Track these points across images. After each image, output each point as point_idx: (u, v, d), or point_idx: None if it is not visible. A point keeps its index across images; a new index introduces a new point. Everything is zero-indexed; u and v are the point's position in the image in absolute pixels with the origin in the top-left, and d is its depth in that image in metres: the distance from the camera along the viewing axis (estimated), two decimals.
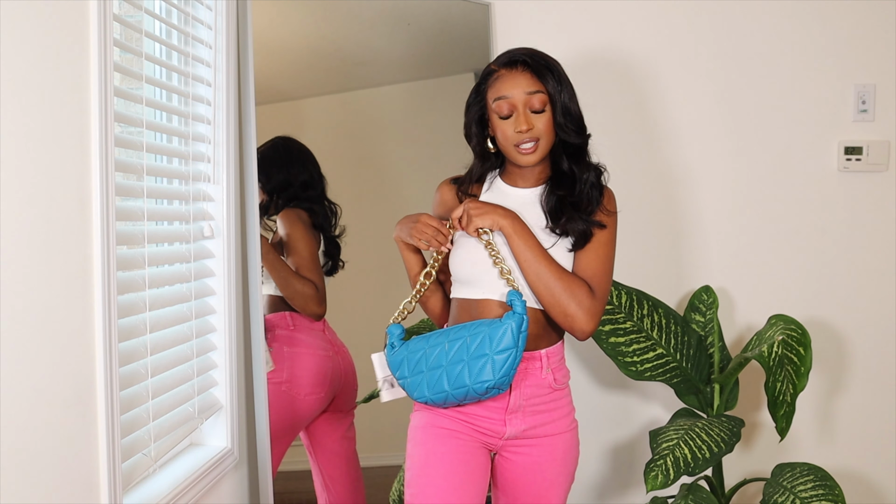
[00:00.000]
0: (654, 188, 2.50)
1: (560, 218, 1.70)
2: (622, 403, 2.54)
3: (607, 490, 2.57)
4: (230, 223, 1.91)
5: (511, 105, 1.68)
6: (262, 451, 2.02)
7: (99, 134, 1.32)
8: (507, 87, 1.69)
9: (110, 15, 1.34)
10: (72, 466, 1.28)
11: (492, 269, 1.70)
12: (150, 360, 1.59)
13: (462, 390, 1.62)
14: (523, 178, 1.78)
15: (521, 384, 1.71)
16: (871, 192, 2.48)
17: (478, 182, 1.83)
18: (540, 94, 1.67)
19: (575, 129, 1.70)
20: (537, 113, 1.68)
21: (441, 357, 1.65)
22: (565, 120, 1.69)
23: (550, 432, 1.75)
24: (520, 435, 1.73)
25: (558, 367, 1.76)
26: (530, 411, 1.72)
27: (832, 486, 2.04)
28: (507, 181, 1.80)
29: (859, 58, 2.46)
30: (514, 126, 1.68)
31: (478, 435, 1.72)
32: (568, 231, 1.70)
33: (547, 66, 1.69)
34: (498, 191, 1.80)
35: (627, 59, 2.49)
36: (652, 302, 2.28)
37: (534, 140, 1.68)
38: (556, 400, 1.76)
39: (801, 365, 2.13)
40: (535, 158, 1.70)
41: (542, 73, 1.68)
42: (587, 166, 1.74)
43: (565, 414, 1.78)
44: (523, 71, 1.69)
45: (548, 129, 1.69)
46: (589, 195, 1.72)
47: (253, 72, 2.01)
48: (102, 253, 1.33)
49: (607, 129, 2.49)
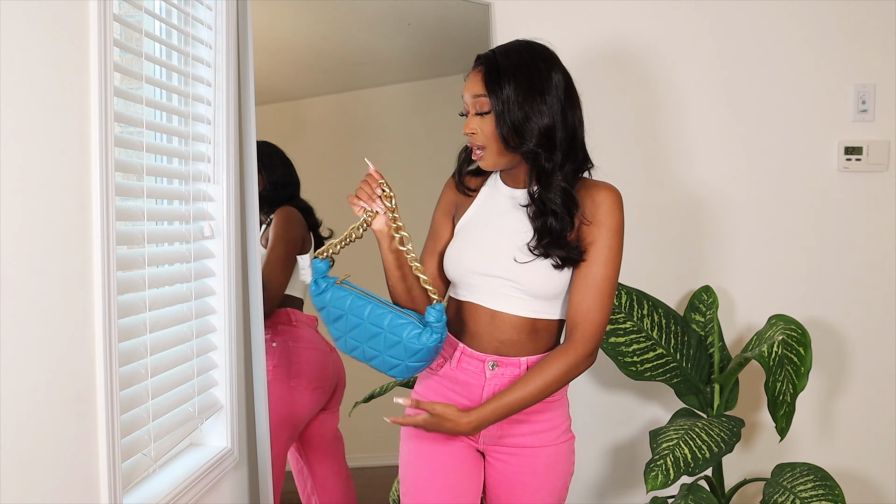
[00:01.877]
0: (654, 188, 2.50)
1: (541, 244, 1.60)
2: (622, 403, 2.54)
3: (607, 490, 2.57)
4: (230, 223, 1.91)
5: (464, 105, 1.64)
6: (262, 451, 2.02)
7: (99, 134, 1.32)
8: (465, 86, 1.64)
9: (110, 15, 1.34)
10: (72, 466, 1.28)
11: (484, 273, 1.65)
12: (150, 360, 1.59)
13: (374, 366, 1.63)
14: (511, 179, 1.71)
15: (496, 390, 1.65)
16: (871, 192, 2.48)
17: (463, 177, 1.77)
18: (482, 97, 1.59)
19: (515, 142, 1.58)
20: (482, 117, 1.60)
21: (359, 334, 1.62)
22: (504, 130, 1.58)
23: (531, 444, 1.69)
24: (496, 441, 1.70)
25: None
26: (506, 420, 1.66)
27: (832, 486, 2.04)
28: (502, 177, 1.74)
29: (859, 58, 2.46)
30: (463, 127, 1.65)
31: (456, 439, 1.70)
32: (549, 256, 1.61)
33: (499, 71, 1.58)
34: (494, 188, 1.74)
35: (627, 59, 2.49)
36: (652, 302, 2.28)
37: (479, 147, 1.63)
38: (539, 412, 1.68)
39: (801, 365, 2.13)
40: (485, 164, 1.65)
41: (492, 77, 1.58)
42: (547, 186, 1.60)
43: (552, 427, 1.70)
44: (477, 71, 1.62)
45: (492, 136, 1.60)
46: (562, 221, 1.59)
47: (253, 72, 2.01)
48: (102, 253, 1.33)
49: (607, 129, 2.50)
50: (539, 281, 1.62)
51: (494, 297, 1.65)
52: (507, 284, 1.63)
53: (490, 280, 1.65)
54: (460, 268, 1.68)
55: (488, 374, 1.66)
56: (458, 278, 1.69)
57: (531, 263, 1.62)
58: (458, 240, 1.71)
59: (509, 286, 1.64)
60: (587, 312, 1.60)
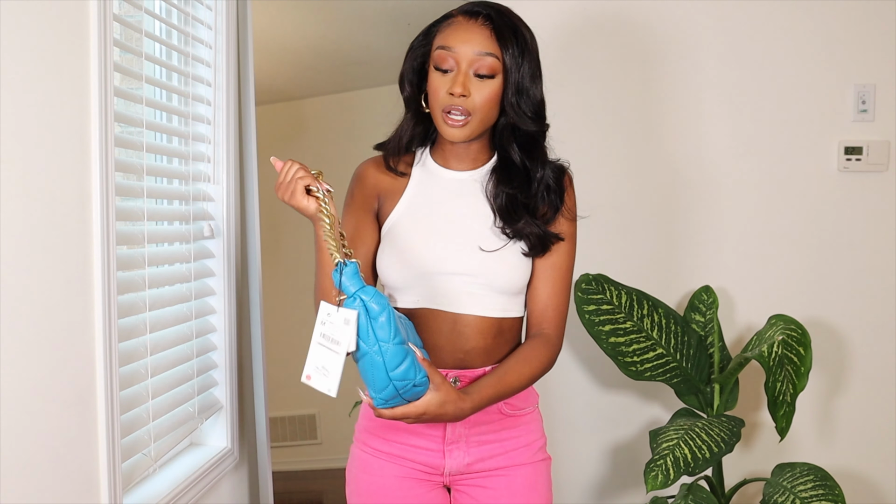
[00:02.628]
0: (654, 188, 2.50)
1: (516, 220, 1.43)
2: (622, 403, 2.54)
3: (607, 490, 2.57)
4: (230, 223, 1.91)
5: (454, 59, 1.38)
6: (262, 451, 2.02)
7: (99, 134, 1.32)
8: (456, 37, 1.38)
9: (110, 15, 1.34)
10: (72, 466, 1.28)
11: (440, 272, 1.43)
12: (150, 360, 1.59)
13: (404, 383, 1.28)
14: (458, 159, 1.49)
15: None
16: (871, 192, 2.48)
17: (405, 153, 1.52)
18: (492, 57, 1.37)
19: (531, 114, 1.42)
20: (483, 80, 1.38)
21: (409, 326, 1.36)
22: (519, 100, 1.40)
23: (504, 464, 1.49)
24: (465, 470, 1.48)
25: None
26: (475, 442, 1.47)
27: (832, 486, 2.04)
28: (439, 161, 1.50)
29: (859, 58, 2.46)
30: (449, 85, 1.38)
31: (416, 473, 1.48)
32: (523, 236, 1.44)
33: (513, 29, 1.40)
34: (427, 173, 1.50)
35: (627, 60, 2.49)
36: (652, 302, 2.28)
37: (465, 112, 1.38)
38: (510, 428, 1.49)
39: (801, 365, 2.13)
40: (462, 135, 1.40)
41: (505, 35, 1.38)
42: (542, 162, 1.46)
43: (526, 444, 1.51)
44: (482, 25, 1.39)
45: (489, 104, 1.39)
46: (546, 198, 1.45)
47: (253, 72, 2.01)
48: (102, 253, 1.33)
49: (607, 129, 2.50)
50: (507, 271, 1.44)
51: (455, 299, 1.43)
52: (471, 281, 1.43)
53: (449, 279, 1.43)
54: (409, 270, 1.43)
55: None
56: (405, 283, 1.44)
57: (500, 252, 1.43)
58: (396, 236, 1.46)
59: (473, 283, 1.43)
60: (558, 305, 1.47)
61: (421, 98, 1.47)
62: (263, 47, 3.21)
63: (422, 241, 1.45)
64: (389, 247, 1.46)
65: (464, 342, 1.45)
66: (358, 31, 3.41)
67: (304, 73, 3.87)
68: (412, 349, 1.27)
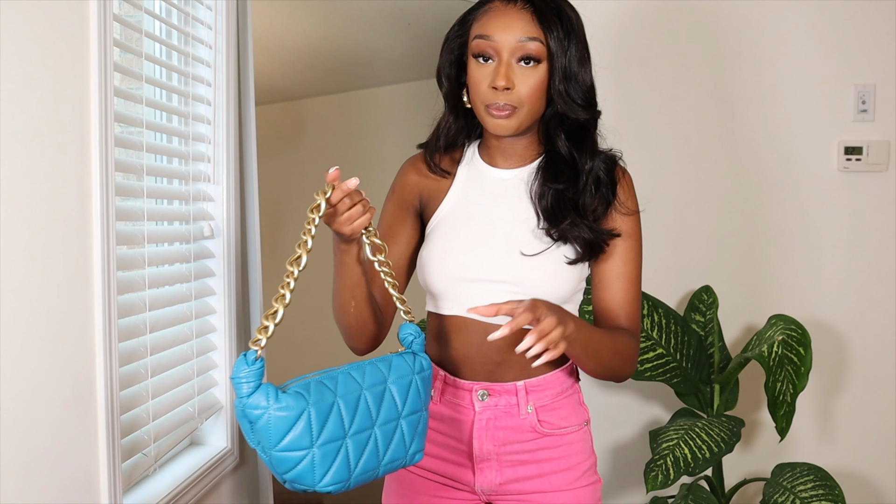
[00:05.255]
0: (654, 188, 2.49)
1: (560, 220, 1.31)
2: (622, 403, 2.54)
3: (607, 490, 2.56)
4: (230, 223, 1.91)
5: (494, 49, 1.28)
6: None
7: (99, 134, 1.32)
8: (496, 24, 1.28)
9: (110, 15, 1.34)
10: (72, 466, 1.28)
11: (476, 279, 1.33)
12: (150, 360, 1.59)
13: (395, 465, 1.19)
14: (504, 156, 1.38)
15: (490, 426, 1.34)
16: (871, 192, 2.48)
17: (449, 151, 1.43)
18: (536, 42, 1.27)
19: (581, 101, 1.30)
20: (527, 67, 1.28)
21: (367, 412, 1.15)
22: (567, 86, 1.29)
23: (542, 488, 1.35)
24: (498, 490, 1.37)
25: (553, 407, 1.36)
26: (507, 461, 1.35)
27: (832, 486, 2.04)
28: (485, 158, 1.40)
29: (859, 58, 2.46)
30: (491, 78, 1.28)
31: (450, 482, 1.39)
32: (569, 238, 1.32)
33: (557, 10, 1.29)
34: (473, 171, 1.40)
35: (627, 59, 2.49)
36: (652, 302, 2.28)
37: (510, 105, 1.28)
38: (547, 449, 1.35)
39: (801, 365, 2.13)
40: (509, 126, 1.29)
41: (547, 18, 1.27)
42: (592, 153, 1.35)
43: (566, 467, 1.36)
44: (522, 9, 1.28)
45: (536, 93, 1.29)
46: (596, 193, 1.33)
47: (253, 72, 2.01)
48: (102, 253, 1.33)
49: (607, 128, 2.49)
50: (547, 280, 1.32)
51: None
52: (507, 290, 1.32)
53: (484, 286, 1.33)
54: (445, 275, 1.34)
55: (478, 407, 1.35)
56: (441, 289, 1.35)
57: (539, 257, 1.31)
58: (436, 240, 1.37)
59: (508, 292, 1.32)
60: (630, 313, 1.35)
61: (462, 92, 1.37)
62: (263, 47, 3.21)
63: (459, 246, 1.35)
64: (427, 250, 1.38)
65: (496, 355, 1.34)
66: (358, 31, 3.41)
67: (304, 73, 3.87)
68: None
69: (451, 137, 1.41)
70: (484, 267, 1.33)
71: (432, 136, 1.43)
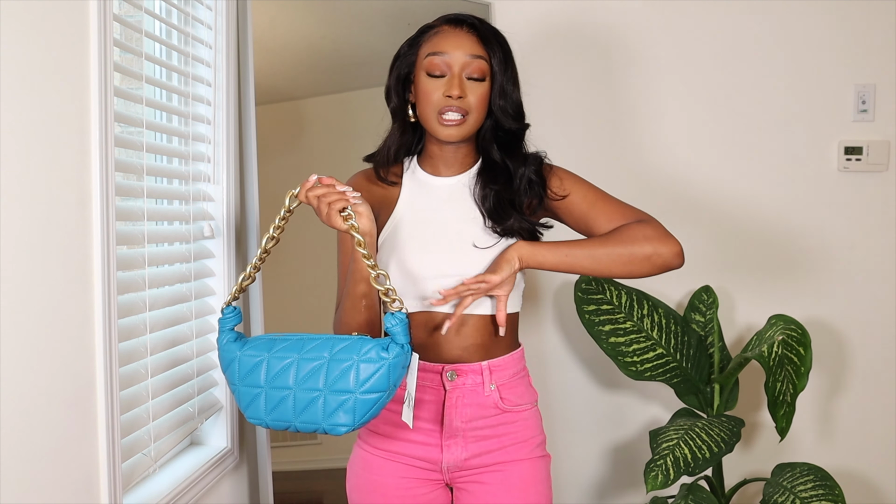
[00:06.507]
0: (654, 188, 2.50)
1: (504, 218, 1.49)
2: (622, 403, 2.54)
3: (607, 490, 2.56)
4: (230, 223, 1.91)
5: (446, 65, 1.46)
6: (262, 451, 2.02)
7: (99, 134, 1.32)
8: (447, 44, 1.47)
9: (110, 15, 1.34)
10: (72, 466, 1.28)
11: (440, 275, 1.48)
12: (150, 360, 1.59)
13: (311, 426, 1.31)
14: (446, 165, 1.55)
15: (459, 403, 1.49)
16: (871, 192, 2.48)
17: (394, 163, 1.58)
18: (482, 60, 1.46)
19: (513, 113, 1.50)
20: (474, 82, 1.46)
21: (286, 375, 1.31)
22: (504, 101, 1.49)
23: (502, 459, 1.51)
24: (462, 465, 1.51)
25: (510, 386, 1.52)
26: (472, 437, 1.50)
27: (832, 486, 2.04)
28: (427, 169, 1.57)
29: (859, 58, 2.46)
30: (444, 89, 1.45)
31: (416, 472, 1.52)
32: (513, 232, 1.50)
33: (496, 36, 1.50)
34: (417, 182, 1.57)
35: (628, 59, 2.49)
36: (652, 302, 2.28)
37: (462, 112, 1.46)
38: (507, 424, 1.52)
39: (801, 365, 2.13)
40: (459, 133, 1.47)
41: (489, 41, 1.48)
42: (523, 158, 1.53)
43: (522, 440, 1.53)
44: (469, 32, 1.48)
45: (481, 104, 1.48)
46: (530, 191, 1.52)
47: (253, 72, 2.01)
48: (102, 253, 1.33)
49: (607, 127, 2.50)
50: None
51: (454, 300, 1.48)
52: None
53: (445, 280, 1.47)
54: (408, 276, 1.49)
55: (447, 387, 1.49)
56: (404, 289, 1.48)
57: (492, 249, 1.49)
58: (393, 246, 1.51)
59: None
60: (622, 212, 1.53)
61: (407, 108, 1.54)
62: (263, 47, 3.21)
63: (419, 247, 1.50)
64: (388, 254, 1.51)
65: (462, 340, 1.51)
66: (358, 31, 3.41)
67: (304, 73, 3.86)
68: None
69: (396, 150, 1.57)
70: (444, 263, 1.49)
71: (380, 149, 1.58)
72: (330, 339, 1.33)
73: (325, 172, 1.39)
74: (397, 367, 1.29)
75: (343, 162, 2.43)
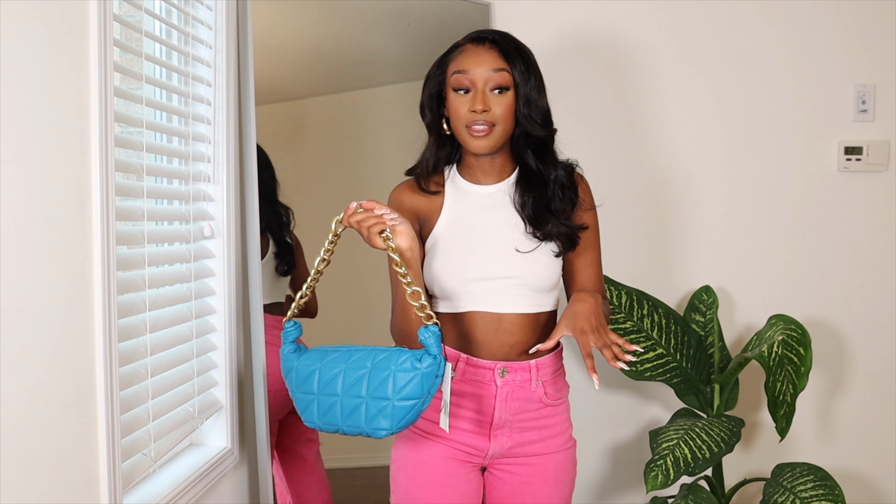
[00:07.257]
0: (654, 188, 2.50)
1: (543, 224, 1.60)
2: (622, 403, 2.54)
3: (607, 490, 2.56)
4: (230, 223, 1.91)
5: (470, 81, 1.57)
6: (262, 451, 2.02)
7: (99, 134, 1.31)
8: (470, 61, 1.58)
9: (110, 15, 1.34)
10: (72, 466, 1.28)
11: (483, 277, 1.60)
12: (150, 360, 1.59)
13: (355, 430, 1.46)
14: (484, 173, 1.66)
15: (508, 398, 1.62)
16: (871, 192, 2.48)
17: (434, 174, 1.69)
18: (504, 72, 1.56)
19: (539, 120, 1.59)
20: (498, 94, 1.56)
21: (335, 383, 1.47)
22: (529, 110, 1.58)
23: (540, 451, 1.66)
24: (506, 453, 1.65)
25: (552, 381, 1.66)
26: (518, 428, 1.63)
27: (832, 486, 2.04)
28: (467, 177, 1.68)
29: (859, 58, 2.46)
30: (470, 104, 1.56)
31: (460, 454, 1.64)
32: (552, 236, 1.61)
33: (517, 49, 1.60)
34: (459, 190, 1.67)
35: (627, 59, 2.49)
36: (652, 302, 2.28)
37: (488, 124, 1.56)
38: (548, 416, 1.66)
39: (801, 365, 2.13)
40: (487, 144, 1.58)
41: (510, 54, 1.58)
42: (554, 164, 1.64)
43: (559, 432, 1.68)
44: (490, 48, 1.58)
45: (507, 114, 1.57)
46: (563, 196, 1.63)
47: (253, 72, 2.01)
48: (102, 253, 1.33)
49: (608, 127, 2.50)
50: (542, 271, 1.61)
51: (498, 300, 1.60)
52: (511, 283, 1.60)
53: (490, 283, 1.60)
54: (454, 278, 1.61)
55: (499, 382, 1.61)
56: (453, 290, 1.61)
57: (533, 253, 1.60)
58: (440, 251, 1.63)
59: (512, 284, 1.60)
60: (601, 283, 1.69)
61: (442, 122, 1.65)
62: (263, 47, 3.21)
63: (466, 252, 1.61)
64: (436, 259, 1.62)
65: (508, 337, 1.61)
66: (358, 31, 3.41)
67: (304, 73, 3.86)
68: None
69: (434, 162, 1.68)
70: (490, 266, 1.60)
71: (419, 162, 1.70)
72: (372, 351, 1.47)
73: (325, 172, 1.41)
74: (430, 376, 1.42)
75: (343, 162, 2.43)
